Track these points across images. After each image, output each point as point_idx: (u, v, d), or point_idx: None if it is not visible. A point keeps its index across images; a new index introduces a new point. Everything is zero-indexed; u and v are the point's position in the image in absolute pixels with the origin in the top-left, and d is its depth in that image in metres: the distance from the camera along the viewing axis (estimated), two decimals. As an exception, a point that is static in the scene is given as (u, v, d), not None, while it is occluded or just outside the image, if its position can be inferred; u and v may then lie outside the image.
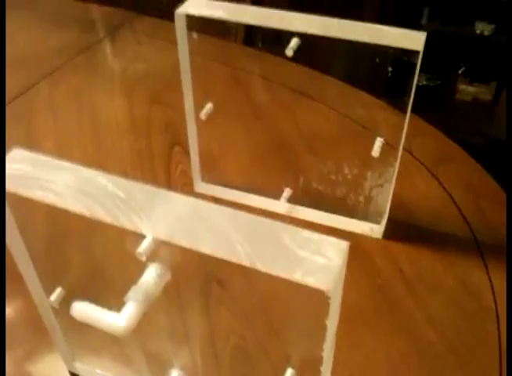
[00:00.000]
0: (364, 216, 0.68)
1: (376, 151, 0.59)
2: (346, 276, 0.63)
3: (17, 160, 0.39)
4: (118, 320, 0.36)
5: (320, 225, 0.69)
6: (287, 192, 0.71)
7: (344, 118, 0.84)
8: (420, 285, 0.63)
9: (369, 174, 0.66)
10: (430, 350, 0.57)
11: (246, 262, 0.32)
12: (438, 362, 0.56)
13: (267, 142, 0.79)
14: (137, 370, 0.52)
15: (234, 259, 0.32)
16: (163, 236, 0.33)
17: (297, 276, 0.31)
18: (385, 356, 0.56)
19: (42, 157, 0.39)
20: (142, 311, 0.36)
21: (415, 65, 0.50)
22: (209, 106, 0.65)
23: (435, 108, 1.79)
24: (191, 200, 0.36)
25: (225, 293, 0.62)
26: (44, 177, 0.38)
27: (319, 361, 0.35)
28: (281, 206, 0.71)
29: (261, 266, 0.31)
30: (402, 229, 0.69)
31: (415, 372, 0.55)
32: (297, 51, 0.56)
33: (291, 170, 0.73)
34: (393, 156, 0.61)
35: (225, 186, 0.74)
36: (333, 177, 0.66)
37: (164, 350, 0.48)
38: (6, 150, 0.82)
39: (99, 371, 0.53)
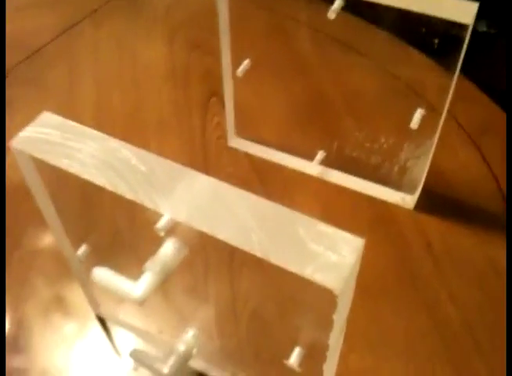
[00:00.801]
0: (397, 185, 0.66)
1: (415, 123, 0.57)
2: (372, 245, 0.63)
3: (46, 124, 0.40)
4: (134, 290, 0.37)
5: (351, 190, 0.69)
6: (321, 154, 0.69)
7: (391, 77, 0.80)
8: (447, 261, 0.62)
9: (406, 145, 0.64)
10: (450, 330, 0.57)
11: (258, 253, 0.32)
12: (456, 343, 0.56)
13: (306, 100, 0.76)
14: (157, 322, 0.54)
15: (247, 248, 0.32)
16: (180, 218, 0.34)
17: (308, 272, 0.30)
18: (404, 331, 0.57)
19: (71, 123, 0.40)
20: (158, 282, 0.37)
21: (463, 38, 0.46)
22: (246, 62, 0.63)
23: (492, 57, 1.68)
24: (212, 181, 0.36)
25: (248, 254, 0.64)
26: (71, 144, 0.38)
27: (326, 347, 0.35)
28: (314, 168, 0.70)
29: (273, 258, 0.31)
30: (435, 200, 0.67)
31: (432, 351, 0.55)
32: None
33: (327, 132, 0.72)
34: (434, 124, 0.58)
35: (259, 142, 0.73)
36: (368, 144, 0.65)
37: (184, 308, 0.50)
38: (48, 93, 0.83)
39: (121, 317, 0.57)
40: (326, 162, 0.69)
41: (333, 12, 0.51)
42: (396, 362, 0.55)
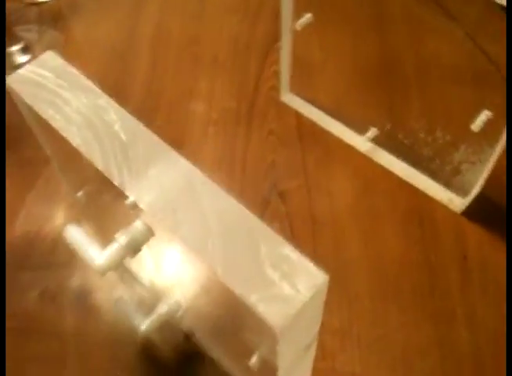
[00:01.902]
0: (448, 184, 0.59)
1: (477, 125, 0.49)
2: (402, 239, 0.58)
3: (46, 65, 0.37)
4: (97, 258, 0.35)
5: (396, 176, 0.62)
6: (373, 131, 0.63)
7: (478, 52, 0.69)
8: (477, 279, 0.56)
9: (462, 147, 0.56)
10: (454, 353, 0.52)
11: (208, 263, 0.29)
12: (457, 370, 0.51)
13: (372, 65, 0.68)
14: (148, 273, 0.54)
15: (198, 256, 0.29)
16: (142, 205, 0.31)
17: (252, 300, 0.27)
18: (403, 341, 0.53)
19: (70, 69, 0.37)
20: (123, 256, 0.36)
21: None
22: (308, 16, 0.56)
23: None
24: (192, 170, 0.32)
25: (282, 207, 0.61)
26: (61, 93, 0.36)
27: (276, 368, 0.33)
28: (362, 143, 0.64)
29: (220, 273, 0.28)
30: (488, 209, 0.60)
31: (428, 371, 0.51)
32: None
33: (386, 108, 0.64)
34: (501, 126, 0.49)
35: (312, 103, 0.67)
36: (423, 135, 0.57)
37: (174, 271, 0.48)
38: (113, 6, 0.79)
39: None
40: (377, 140, 0.63)
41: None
42: (386, 374, 0.51)
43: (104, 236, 0.39)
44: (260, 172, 0.64)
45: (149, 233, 0.35)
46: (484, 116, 0.48)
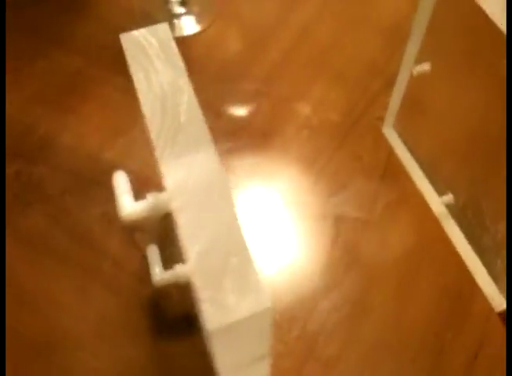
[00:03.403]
0: (497, 278, 0.57)
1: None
2: (431, 308, 0.57)
3: (156, 35, 0.42)
4: (125, 207, 0.41)
5: (455, 250, 0.61)
6: (449, 197, 0.61)
7: None
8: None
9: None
10: None
11: (188, 249, 0.32)
12: None
13: (482, 136, 0.65)
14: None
15: (187, 244, 0.33)
16: (165, 183, 0.35)
17: (202, 296, 0.31)
18: None
19: (173, 46, 0.42)
20: (146, 214, 0.41)
21: None
22: (426, 65, 0.56)
23: None
24: (220, 171, 0.36)
25: (334, 230, 0.63)
26: (155, 63, 0.41)
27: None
28: (437, 204, 0.63)
29: (193, 266, 0.32)
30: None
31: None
32: None
33: (473, 180, 0.62)
34: None
35: (408, 146, 0.67)
36: (488, 222, 0.55)
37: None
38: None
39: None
40: (450, 208, 0.62)
41: None
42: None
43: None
44: (329, 191, 0.66)
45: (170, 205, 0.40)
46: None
